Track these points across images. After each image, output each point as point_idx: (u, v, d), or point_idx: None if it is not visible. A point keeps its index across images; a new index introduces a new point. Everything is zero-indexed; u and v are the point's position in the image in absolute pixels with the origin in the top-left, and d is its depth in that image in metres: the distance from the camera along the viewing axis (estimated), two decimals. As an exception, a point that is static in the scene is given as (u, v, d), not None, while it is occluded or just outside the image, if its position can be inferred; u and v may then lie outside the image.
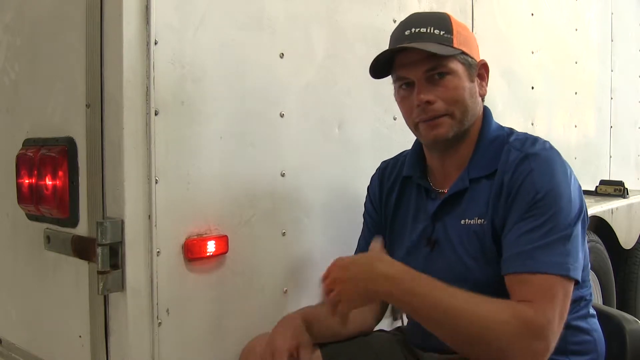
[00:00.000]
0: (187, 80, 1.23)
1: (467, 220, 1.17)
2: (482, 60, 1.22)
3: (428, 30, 1.15)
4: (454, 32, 1.16)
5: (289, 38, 1.44)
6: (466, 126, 1.19)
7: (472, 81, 1.19)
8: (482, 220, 1.15)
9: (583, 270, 1.17)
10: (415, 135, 1.25)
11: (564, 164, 1.13)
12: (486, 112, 1.26)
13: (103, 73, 1.18)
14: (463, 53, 1.16)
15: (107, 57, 1.17)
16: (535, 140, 1.18)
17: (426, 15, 1.24)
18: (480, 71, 1.21)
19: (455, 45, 1.15)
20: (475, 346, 1.02)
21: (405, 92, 1.19)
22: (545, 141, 1.18)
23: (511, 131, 1.24)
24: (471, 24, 2.05)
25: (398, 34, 1.20)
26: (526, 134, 1.22)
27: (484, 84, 1.22)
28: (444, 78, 1.15)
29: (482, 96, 1.23)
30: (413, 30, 1.17)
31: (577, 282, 1.07)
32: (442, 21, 1.17)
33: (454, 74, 1.15)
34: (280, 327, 1.23)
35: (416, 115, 1.18)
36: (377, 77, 1.23)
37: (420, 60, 1.14)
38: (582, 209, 1.12)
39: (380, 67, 1.20)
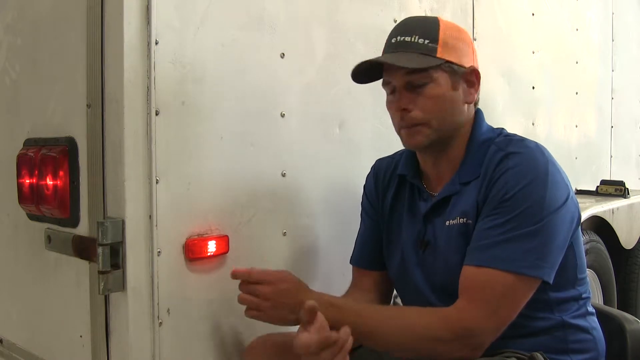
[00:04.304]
0: (188, 80, 1.23)
1: (450, 221, 1.18)
2: (472, 66, 1.19)
3: (412, 39, 1.16)
4: (440, 40, 1.15)
5: (290, 38, 1.44)
6: (445, 134, 1.19)
7: (455, 89, 1.18)
8: (465, 219, 1.16)
9: (577, 269, 1.18)
10: (400, 140, 1.25)
11: (546, 162, 1.11)
12: (478, 115, 1.25)
13: (104, 73, 1.18)
14: (447, 62, 1.15)
15: (107, 57, 1.17)
16: (521, 140, 1.17)
17: (414, 22, 1.22)
18: (470, 78, 1.19)
19: (439, 54, 1.15)
20: (418, 355, 1.13)
21: (391, 98, 1.21)
22: (532, 141, 1.17)
23: (501, 132, 1.23)
24: (472, 24, 2.05)
25: (388, 40, 1.21)
26: (517, 135, 1.21)
27: (472, 90, 1.20)
28: (424, 87, 1.16)
29: (469, 104, 1.21)
30: (399, 38, 1.18)
31: (545, 282, 1.08)
32: (429, 29, 1.17)
33: (435, 82, 1.15)
34: None
35: (397, 121, 1.20)
36: (362, 82, 1.24)
37: (402, 69, 1.16)
38: (561, 207, 1.10)
39: (368, 71, 1.21)
